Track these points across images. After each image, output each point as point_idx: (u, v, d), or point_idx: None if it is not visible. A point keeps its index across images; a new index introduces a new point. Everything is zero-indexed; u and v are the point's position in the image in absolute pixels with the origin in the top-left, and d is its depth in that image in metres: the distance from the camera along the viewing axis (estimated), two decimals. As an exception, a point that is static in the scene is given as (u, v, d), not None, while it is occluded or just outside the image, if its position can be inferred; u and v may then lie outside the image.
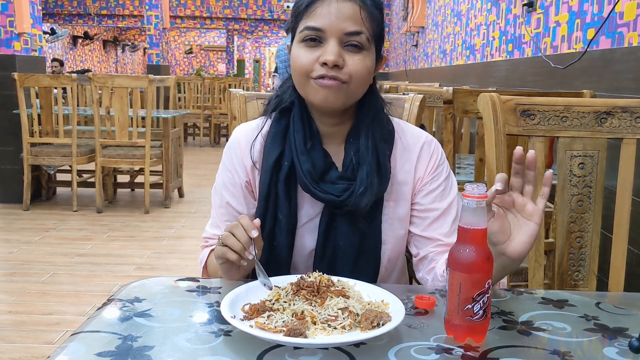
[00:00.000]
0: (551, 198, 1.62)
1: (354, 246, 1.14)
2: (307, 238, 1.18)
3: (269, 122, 1.21)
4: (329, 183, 1.12)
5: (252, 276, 1.21)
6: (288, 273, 1.16)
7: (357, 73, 1.08)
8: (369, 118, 1.16)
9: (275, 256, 1.16)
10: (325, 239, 1.15)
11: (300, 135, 1.14)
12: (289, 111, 1.18)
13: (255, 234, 0.97)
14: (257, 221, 1.00)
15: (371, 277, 1.16)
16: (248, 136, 1.21)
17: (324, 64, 1.06)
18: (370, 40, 1.09)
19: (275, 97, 1.23)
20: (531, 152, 0.91)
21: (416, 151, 1.20)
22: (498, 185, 0.90)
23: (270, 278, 0.99)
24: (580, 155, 1.33)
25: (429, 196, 1.19)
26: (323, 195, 1.11)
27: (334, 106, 1.11)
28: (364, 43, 1.08)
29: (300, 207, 1.17)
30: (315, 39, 1.08)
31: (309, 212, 1.18)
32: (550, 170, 0.94)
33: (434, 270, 1.16)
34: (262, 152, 1.19)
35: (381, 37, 1.14)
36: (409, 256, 1.29)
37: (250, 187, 1.21)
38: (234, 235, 0.98)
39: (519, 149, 0.91)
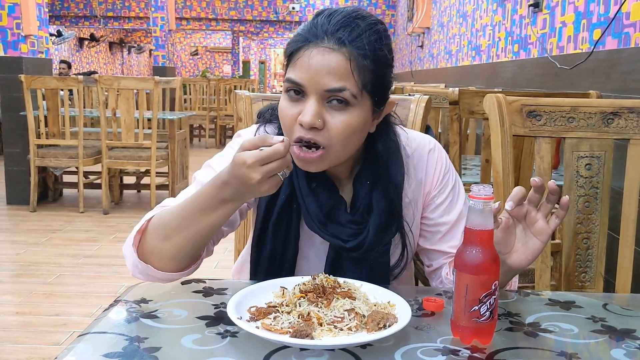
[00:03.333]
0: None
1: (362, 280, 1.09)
2: (309, 267, 1.14)
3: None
4: (337, 224, 1.07)
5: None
6: None
7: (339, 135, 0.97)
8: (381, 161, 1.08)
9: None
10: (332, 273, 1.09)
11: (303, 173, 1.06)
12: None
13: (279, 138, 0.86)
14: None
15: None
16: None
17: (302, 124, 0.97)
18: (358, 95, 0.97)
19: (270, 108, 1.17)
20: (551, 183, 0.90)
21: (422, 166, 1.15)
22: (508, 206, 0.89)
23: (277, 279, 0.99)
24: (587, 156, 1.32)
25: (437, 210, 1.16)
26: (330, 239, 1.07)
27: (317, 171, 1.04)
28: (349, 99, 0.96)
29: (305, 237, 1.12)
30: (298, 92, 0.98)
31: (314, 242, 1.13)
32: (566, 197, 0.93)
33: (441, 274, 1.16)
34: None
35: (379, 86, 1.00)
36: (415, 259, 1.28)
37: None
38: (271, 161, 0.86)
39: (534, 180, 0.89)
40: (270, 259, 1.12)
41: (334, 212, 1.07)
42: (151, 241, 1.00)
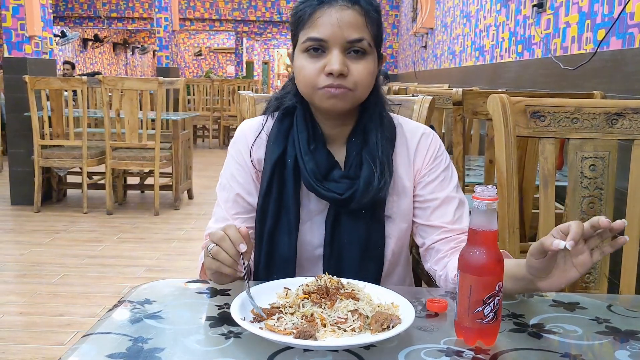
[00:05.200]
0: (562, 200, 1.61)
1: (360, 243, 1.15)
2: (311, 235, 1.19)
3: (271, 121, 1.23)
4: (332, 182, 1.14)
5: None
6: (294, 269, 1.16)
7: (362, 80, 1.11)
8: (372, 118, 1.18)
9: (278, 253, 1.17)
10: (332, 237, 1.16)
11: (304, 136, 1.16)
12: (292, 113, 1.20)
13: (243, 248, 0.95)
14: (244, 230, 0.98)
15: (376, 272, 1.17)
16: (254, 130, 1.24)
17: (330, 74, 1.08)
18: (372, 45, 1.12)
19: (275, 99, 1.25)
20: (622, 222, 0.87)
21: (414, 144, 1.22)
22: (569, 245, 0.85)
23: (280, 280, 0.99)
24: (591, 157, 1.32)
25: (428, 187, 1.20)
26: (326, 194, 1.13)
27: (342, 110, 1.14)
28: (367, 48, 1.10)
29: (304, 204, 1.19)
30: (318, 49, 1.10)
31: (313, 209, 1.19)
32: (626, 237, 0.90)
33: (446, 270, 1.16)
34: (264, 151, 1.21)
35: (380, 38, 1.16)
36: (415, 253, 1.29)
37: (260, 179, 1.23)
38: (223, 249, 0.97)
39: (604, 221, 0.86)
40: (273, 227, 1.17)
41: (329, 173, 1.15)
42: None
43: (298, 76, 1.14)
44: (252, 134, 1.24)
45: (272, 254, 1.17)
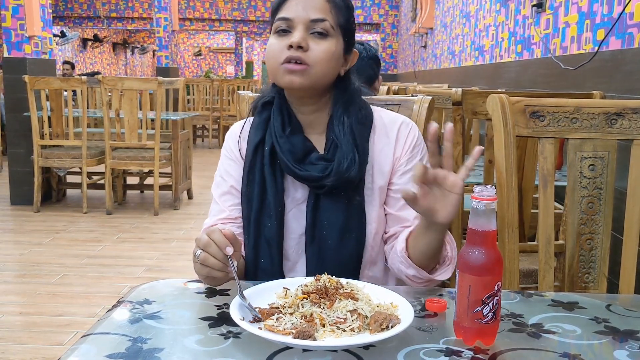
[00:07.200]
0: (561, 199, 1.61)
1: (339, 224, 1.18)
2: (296, 222, 1.22)
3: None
4: (309, 164, 1.18)
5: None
6: (279, 253, 1.19)
7: (320, 57, 1.15)
8: (344, 103, 1.22)
9: (264, 236, 1.20)
10: (313, 221, 1.19)
11: (278, 122, 1.21)
12: (271, 104, 1.25)
13: (230, 251, 0.96)
14: (229, 232, 0.99)
15: (356, 256, 1.19)
16: (240, 126, 1.32)
17: (290, 46, 1.14)
18: (335, 28, 1.17)
19: (258, 96, 1.32)
20: (449, 125, 0.96)
21: (394, 133, 1.25)
22: (416, 189, 0.96)
23: (280, 280, 0.99)
24: (590, 157, 1.32)
25: (404, 177, 1.23)
26: (303, 174, 1.17)
27: (300, 87, 1.17)
28: (329, 30, 1.16)
29: (290, 193, 1.22)
30: (286, 29, 1.16)
31: (295, 198, 1.22)
32: (480, 147, 0.97)
33: (395, 246, 1.19)
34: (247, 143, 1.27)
35: (349, 29, 1.21)
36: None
37: None
38: (210, 254, 0.97)
39: (433, 126, 0.95)
40: (258, 212, 1.20)
41: (307, 156, 1.19)
42: None
43: (267, 54, 1.20)
44: (238, 129, 1.31)
45: (258, 237, 1.20)
